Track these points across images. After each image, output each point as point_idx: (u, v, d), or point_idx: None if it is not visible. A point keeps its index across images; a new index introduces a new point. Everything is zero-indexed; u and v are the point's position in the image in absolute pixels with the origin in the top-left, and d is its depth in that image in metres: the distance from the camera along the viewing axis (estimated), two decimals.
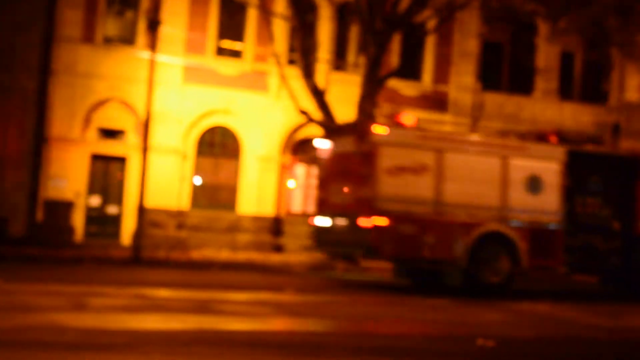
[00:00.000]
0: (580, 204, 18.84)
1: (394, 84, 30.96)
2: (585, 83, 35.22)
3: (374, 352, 9.27)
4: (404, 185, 17.30)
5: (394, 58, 31.23)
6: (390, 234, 17.03)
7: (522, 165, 18.27)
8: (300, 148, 30.88)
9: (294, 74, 26.79)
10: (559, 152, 18.64)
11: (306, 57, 25.59)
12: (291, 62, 29.21)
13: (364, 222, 17.12)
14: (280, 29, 29.37)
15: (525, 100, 34.32)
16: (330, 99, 26.38)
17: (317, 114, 25.81)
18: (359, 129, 18.64)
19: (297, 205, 30.91)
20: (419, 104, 33.00)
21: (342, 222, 18.10)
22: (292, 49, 29.37)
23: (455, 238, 17.44)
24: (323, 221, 18.79)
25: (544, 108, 34.39)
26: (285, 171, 30.83)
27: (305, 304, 14.43)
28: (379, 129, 17.39)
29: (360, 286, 18.97)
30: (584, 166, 18.89)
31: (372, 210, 17.04)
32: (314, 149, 20.40)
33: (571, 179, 18.68)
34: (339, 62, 31.71)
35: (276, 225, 30.44)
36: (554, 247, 18.27)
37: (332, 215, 18.47)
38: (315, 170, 20.79)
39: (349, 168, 17.97)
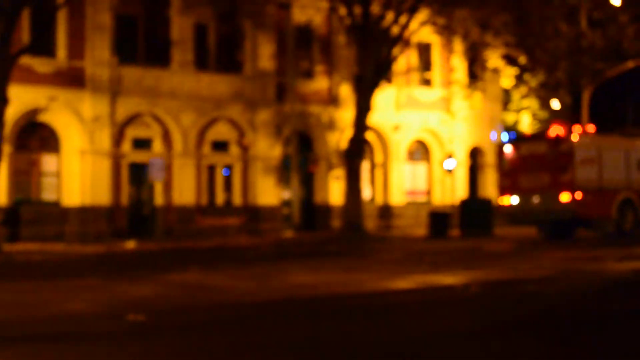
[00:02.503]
0: None
1: (27, 61, 29.80)
2: (220, 54, 36.05)
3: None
4: (585, 172, 26.72)
5: (25, 34, 29.99)
6: (583, 203, 26.49)
7: (635, 155, 27.85)
8: None
9: None
10: None
11: None
12: None
13: (565, 197, 26.55)
14: None
15: (163, 72, 34.47)
16: None
17: None
18: (557, 137, 26.98)
19: None
20: (54, 81, 32.04)
21: (537, 199, 27.41)
22: None
23: (611, 203, 27.05)
24: (514, 200, 28.04)
25: (182, 80, 34.78)
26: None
27: None
28: (574, 137, 26.75)
29: None
30: None
31: (573, 188, 26.48)
32: (502, 152, 28.72)
33: None
34: None
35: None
36: None
37: (523, 195, 27.73)
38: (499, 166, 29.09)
39: (545, 163, 27.08)
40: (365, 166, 37.37)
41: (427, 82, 41.38)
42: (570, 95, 39.61)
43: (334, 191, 37.63)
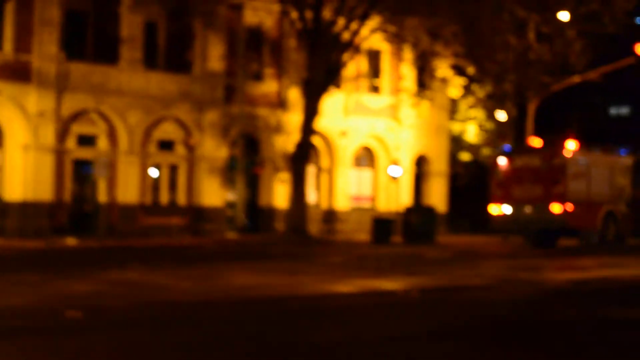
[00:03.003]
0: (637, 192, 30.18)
1: None
2: (170, 52, 35.84)
3: None
4: (575, 186, 28.42)
5: None
6: (572, 214, 28.07)
7: (618, 171, 29.91)
8: None
9: None
10: (631, 160, 30.32)
11: None
12: None
13: (557, 208, 28.06)
14: None
15: (111, 69, 34.17)
16: None
17: None
18: (550, 151, 28.74)
19: None
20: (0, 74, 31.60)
21: (529, 209, 28.87)
22: None
23: (597, 215, 28.79)
24: (507, 209, 29.38)
25: (130, 77, 34.50)
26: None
27: None
28: (568, 152, 28.40)
29: None
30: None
31: (564, 200, 28.04)
32: (495, 163, 30.21)
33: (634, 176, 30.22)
34: None
35: None
36: (629, 220, 29.71)
37: (516, 205, 29.13)
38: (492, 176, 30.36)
39: (538, 175, 28.74)
40: (311, 170, 37.43)
41: (375, 89, 41.58)
42: (516, 107, 40.09)
43: (279, 194, 37.63)
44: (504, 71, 36.99)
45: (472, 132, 47.12)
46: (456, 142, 46.19)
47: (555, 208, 28.03)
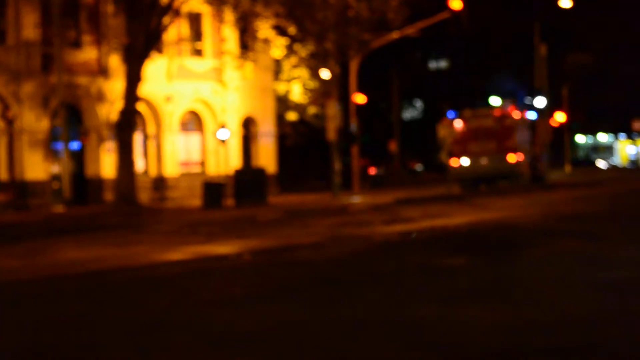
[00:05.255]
0: None
1: None
2: None
3: None
4: (519, 140, 36.32)
5: None
6: (521, 163, 36.25)
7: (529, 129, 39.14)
8: None
9: None
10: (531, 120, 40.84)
11: None
12: None
13: (512, 158, 35.67)
14: None
15: None
16: None
17: None
18: (501, 115, 37.03)
19: None
20: None
21: (484, 161, 35.89)
22: None
23: (526, 162, 37.13)
24: (465, 161, 36.02)
25: None
26: None
27: None
28: (516, 115, 37.32)
29: None
30: None
31: (515, 152, 35.80)
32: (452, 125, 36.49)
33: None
34: None
35: None
36: (542, 165, 40.39)
37: (473, 158, 36.02)
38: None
39: (491, 133, 36.16)
40: (137, 138, 36.78)
41: (198, 53, 41.17)
42: (339, 65, 40.64)
43: (106, 164, 36.82)
44: (324, 30, 37.32)
45: (297, 92, 47.49)
46: (282, 102, 46.45)
47: (511, 158, 35.93)
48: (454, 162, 36.38)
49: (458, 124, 36.64)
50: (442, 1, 37.57)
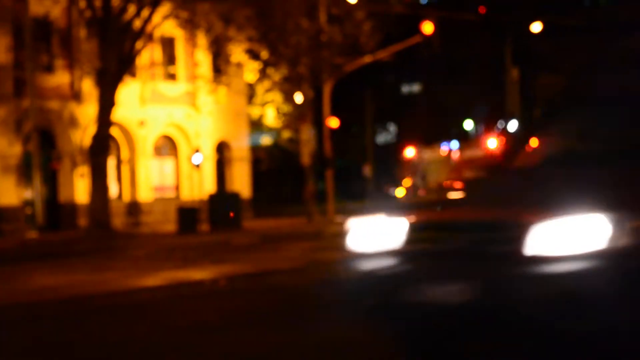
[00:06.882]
0: None
1: None
2: None
3: None
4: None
5: None
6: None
7: None
8: None
9: None
10: None
11: None
12: None
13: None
14: None
15: None
16: None
17: None
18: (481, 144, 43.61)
19: None
20: None
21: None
22: None
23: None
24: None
25: None
26: None
27: None
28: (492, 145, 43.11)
29: None
30: None
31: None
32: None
33: None
34: None
35: None
36: None
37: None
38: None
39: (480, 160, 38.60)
40: (111, 163, 36.62)
41: (172, 77, 41.12)
42: (312, 89, 40.73)
43: (80, 189, 36.60)
44: (297, 54, 37.42)
45: (271, 116, 47.52)
46: (256, 126, 46.45)
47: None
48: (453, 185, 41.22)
49: (455, 154, 42.05)
50: (415, 26, 37.78)
